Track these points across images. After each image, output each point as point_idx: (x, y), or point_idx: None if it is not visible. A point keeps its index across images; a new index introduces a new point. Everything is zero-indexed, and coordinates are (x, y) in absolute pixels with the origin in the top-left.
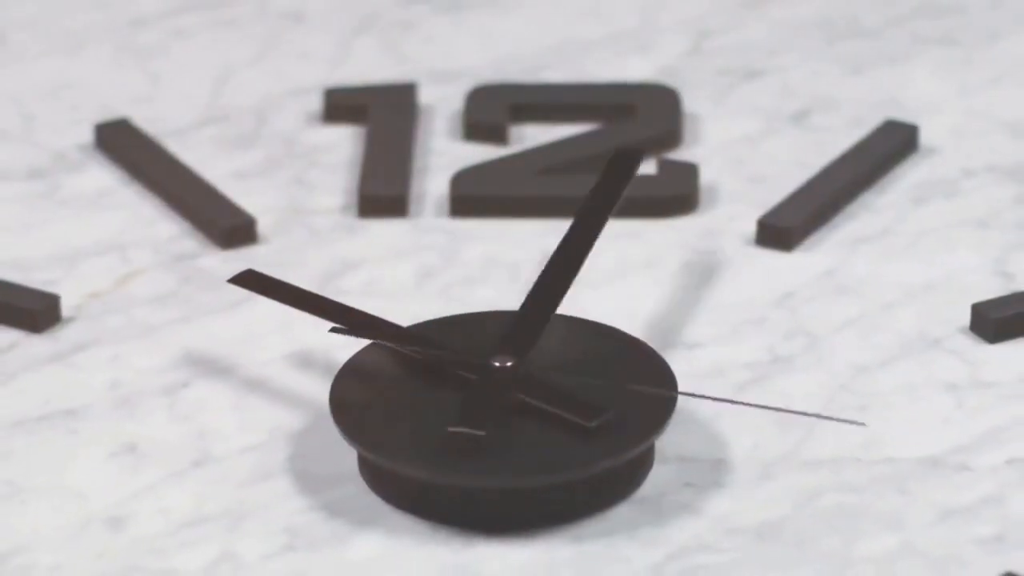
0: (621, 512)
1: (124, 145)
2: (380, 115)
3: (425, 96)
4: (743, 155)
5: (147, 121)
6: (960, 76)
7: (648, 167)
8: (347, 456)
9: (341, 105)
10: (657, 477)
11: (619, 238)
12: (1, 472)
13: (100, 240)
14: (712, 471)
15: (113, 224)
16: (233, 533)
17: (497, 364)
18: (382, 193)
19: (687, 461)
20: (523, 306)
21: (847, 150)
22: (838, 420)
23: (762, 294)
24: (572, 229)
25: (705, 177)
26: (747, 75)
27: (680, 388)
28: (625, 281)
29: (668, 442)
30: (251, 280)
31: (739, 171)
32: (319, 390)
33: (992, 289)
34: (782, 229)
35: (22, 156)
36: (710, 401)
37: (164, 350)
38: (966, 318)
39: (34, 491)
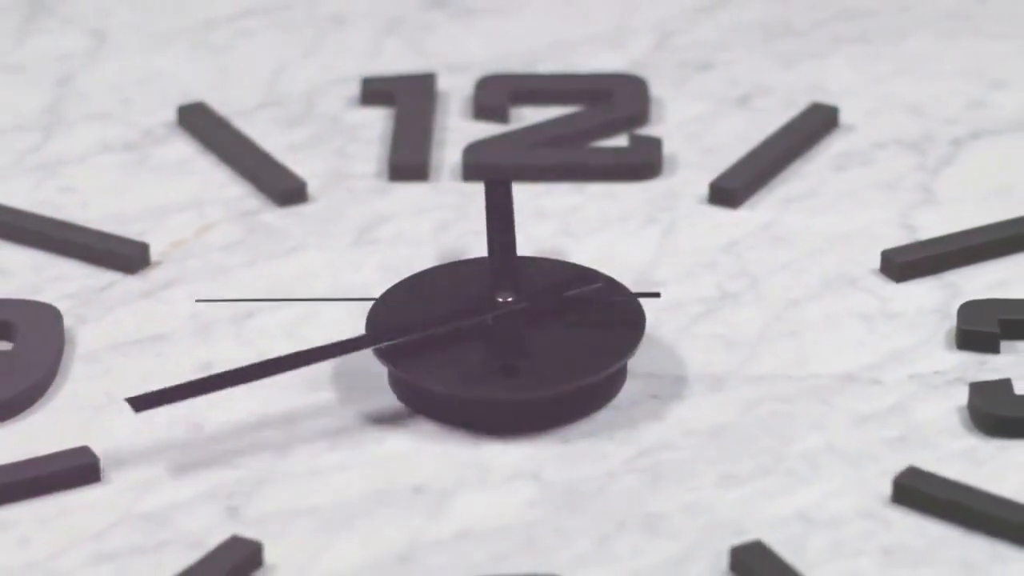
0: (601, 418)
1: (201, 123)
2: (406, 99)
3: (442, 84)
4: (698, 131)
5: (219, 104)
6: (872, 68)
7: (621, 140)
8: (380, 372)
9: (375, 91)
10: (629, 390)
11: (598, 197)
12: (102, 386)
13: (182, 199)
14: (673, 385)
15: (192, 187)
16: (289, 434)
17: (500, 299)
18: (408, 162)
19: (653, 377)
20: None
21: (781, 127)
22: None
23: (713, 243)
24: None
25: (667, 149)
26: (701, 67)
27: (647, 322)
28: (603, 233)
29: (638, 362)
30: (488, 174)
31: (694, 144)
32: (358, 318)
33: (897, 239)
34: (729, 190)
35: (120, 132)
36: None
37: (233, 288)
38: (876, 262)
39: None
